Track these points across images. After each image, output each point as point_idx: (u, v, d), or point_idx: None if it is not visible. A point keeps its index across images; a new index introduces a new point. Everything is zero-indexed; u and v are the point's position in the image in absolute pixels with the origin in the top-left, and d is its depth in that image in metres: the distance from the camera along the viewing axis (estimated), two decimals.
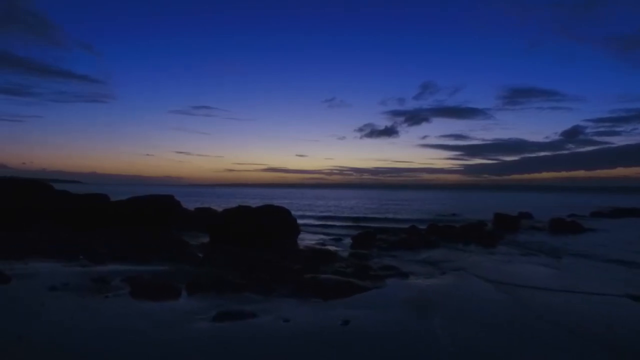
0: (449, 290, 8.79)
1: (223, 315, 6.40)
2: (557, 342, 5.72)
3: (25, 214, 16.91)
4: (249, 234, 14.59)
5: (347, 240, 17.29)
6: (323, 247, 13.97)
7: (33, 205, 17.41)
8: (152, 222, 16.82)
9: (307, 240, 16.83)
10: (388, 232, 20.33)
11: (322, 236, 18.13)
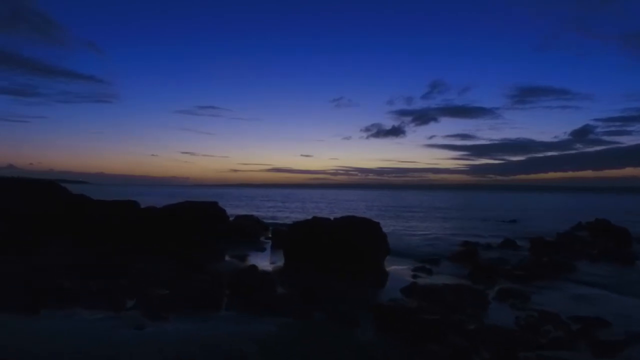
0: None
1: None
2: None
3: (34, 225, 13.25)
4: (336, 255, 10.88)
5: (445, 262, 13.50)
6: (461, 284, 10.09)
7: (45, 213, 13.77)
8: (198, 237, 13.12)
9: (395, 262, 13.02)
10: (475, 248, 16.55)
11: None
